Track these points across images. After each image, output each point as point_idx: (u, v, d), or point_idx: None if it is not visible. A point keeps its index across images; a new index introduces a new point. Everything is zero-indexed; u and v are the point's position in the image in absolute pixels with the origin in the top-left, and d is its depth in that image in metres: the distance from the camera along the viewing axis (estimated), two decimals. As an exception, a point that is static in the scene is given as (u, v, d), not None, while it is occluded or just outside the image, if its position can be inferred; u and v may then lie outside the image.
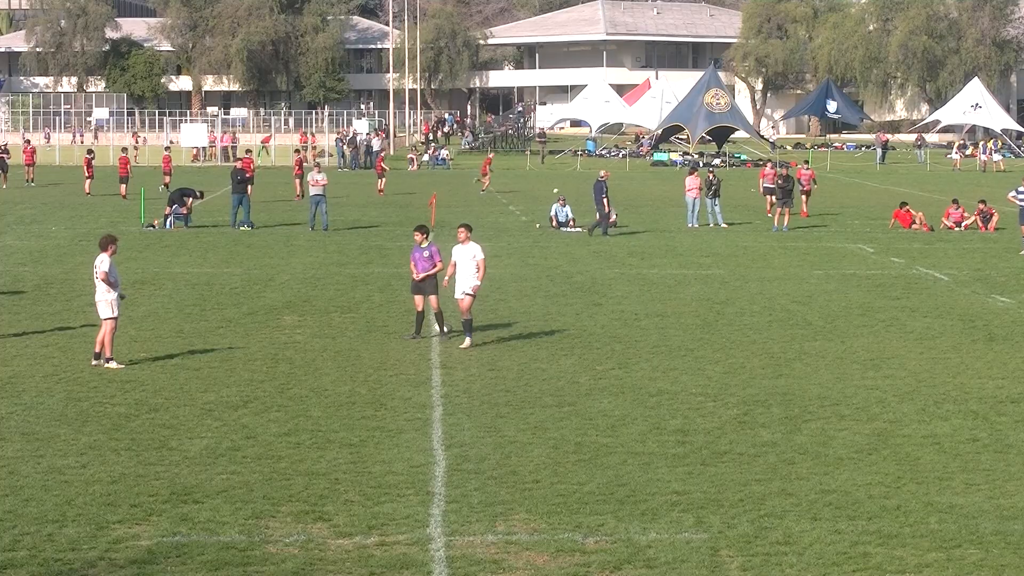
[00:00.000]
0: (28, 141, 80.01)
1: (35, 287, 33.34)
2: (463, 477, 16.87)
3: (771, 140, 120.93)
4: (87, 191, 64.89)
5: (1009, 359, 24.82)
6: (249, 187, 48.89)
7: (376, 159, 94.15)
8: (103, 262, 23.69)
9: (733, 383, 22.55)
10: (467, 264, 25.47)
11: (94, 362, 23.49)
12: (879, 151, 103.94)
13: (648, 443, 18.56)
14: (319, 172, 49.29)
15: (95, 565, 13.79)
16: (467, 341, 25.33)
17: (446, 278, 26.02)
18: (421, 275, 26.07)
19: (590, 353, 25.12)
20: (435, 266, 26.12)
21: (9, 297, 31.74)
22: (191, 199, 49.99)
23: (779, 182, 49.80)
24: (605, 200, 46.29)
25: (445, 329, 26.30)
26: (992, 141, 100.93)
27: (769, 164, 57.76)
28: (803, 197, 54.77)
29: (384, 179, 66.55)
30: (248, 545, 14.36)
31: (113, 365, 23.36)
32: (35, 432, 18.99)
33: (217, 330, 27.49)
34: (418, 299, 26.36)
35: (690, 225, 50.08)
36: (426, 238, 26.41)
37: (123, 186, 62.61)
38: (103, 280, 23.59)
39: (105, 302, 23.61)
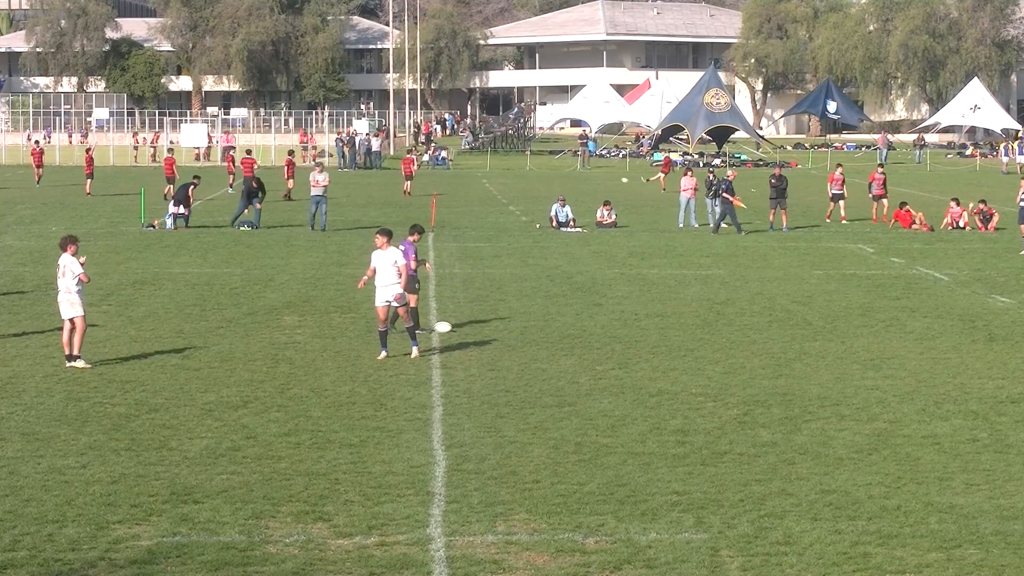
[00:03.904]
0: (37, 142, 79.93)
1: (35, 287, 33.34)
2: (463, 477, 16.87)
3: (762, 134, 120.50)
4: (87, 191, 64.88)
5: (1009, 359, 24.82)
6: (259, 195, 48.69)
7: (379, 159, 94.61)
8: (73, 263, 23.53)
9: (733, 383, 22.55)
10: (388, 271, 24.32)
11: (68, 364, 23.39)
12: (883, 151, 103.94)
13: (648, 443, 18.56)
14: (320, 172, 49.23)
15: (95, 565, 13.79)
16: (383, 354, 24.37)
17: (362, 280, 25.42)
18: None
19: (590, 353, 25.11)
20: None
21: (9, 297, 31.75)
22: (192, 188, 49.90)
23: (772, 181, 49.58)
24: (728, 199, 47.68)
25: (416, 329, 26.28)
26: (1018, 143, 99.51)
27: (839, 169, 53.86)
28: (877, 203, 52.48)
29: (411, 181, 66.57)
30: (248, 545, 14.36)
31: (80, 364, 23.29)
32: (35, 432, 18.99)
33: (217, 330, 27.49)
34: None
35: (681, 225, 50.13)
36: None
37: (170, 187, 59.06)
38: (84, 280, 23.49)
39: (67, 302, 23.49)
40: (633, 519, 15.25)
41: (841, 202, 52.69)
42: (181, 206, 48.76)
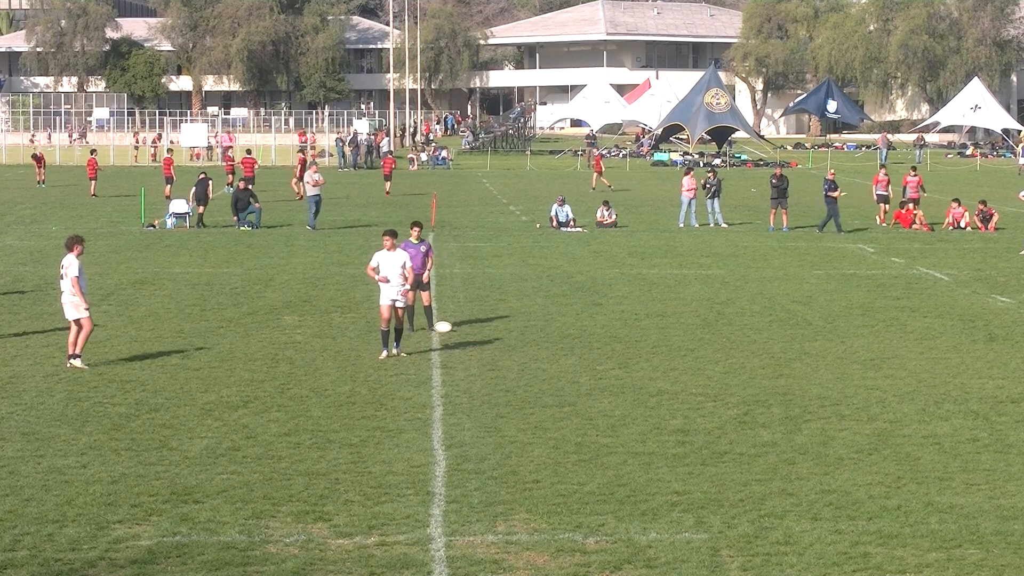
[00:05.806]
0: (35, 146, 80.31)
1: (35, 287, 33.34)
2: (463, 477, 16.87)
3: (762, 135, 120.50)
4: (92, 192, 64.76)
5: (1009, 359, 24.82)
6: (253, 198, 48.98)
7: (384, 159, 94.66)
8: (72, 265, 23.47)
9: (733, 383, 22.55)
10: (395, 272, 24.39)
11: (68, 363, 23.36)
12: (883, 151, 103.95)
13: (648, 443, 18.56)
14: (315, 172, 49.41)
15: (95, 565, 13.79)
16: (383, 353, 24.48)
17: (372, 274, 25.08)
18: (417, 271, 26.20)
19: (590, 353, 25.12)
20: (429, 263, 26.61)
21: (9, 297, 31.75)
22: (210, 183, 50.09)
23: (773, 181, 49.54)
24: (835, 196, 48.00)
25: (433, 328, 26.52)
26: None
27: (883, 171, 52.94)
28: (909, 205, 51.23)
29: (390, 182, 66.66)
30: (248, 545, 14.37)
31: (78, 364, 23.26)
32: (35, 432, 19.00)
33: (217, 330, 27.49)
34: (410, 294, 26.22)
35: (681, 224, 50.15)
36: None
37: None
38: (74, 284, 23.37)
39: (71, 304, 23.44)
40: (633, 519, 15.25)
41: (885, 204, 51.50)
42: (201, 204, 49.06)
